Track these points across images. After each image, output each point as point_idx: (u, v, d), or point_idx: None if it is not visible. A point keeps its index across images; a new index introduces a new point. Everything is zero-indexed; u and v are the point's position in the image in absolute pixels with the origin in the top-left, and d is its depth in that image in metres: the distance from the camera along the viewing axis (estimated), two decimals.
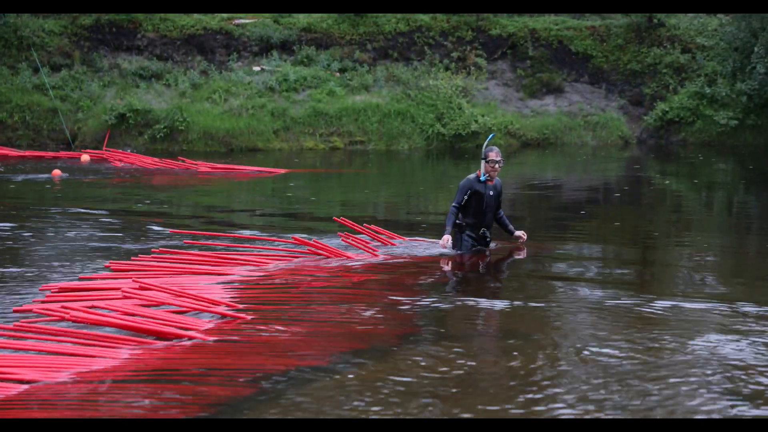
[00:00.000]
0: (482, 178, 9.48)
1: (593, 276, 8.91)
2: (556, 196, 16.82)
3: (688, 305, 7.37)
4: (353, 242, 9.75)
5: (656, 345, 6.15)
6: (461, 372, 5.62)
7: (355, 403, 5.10)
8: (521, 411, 4.96)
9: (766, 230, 12.87)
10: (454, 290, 8.48)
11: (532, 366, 5.71)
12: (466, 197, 9.44)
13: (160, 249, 9.27)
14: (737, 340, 6.26)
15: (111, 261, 8.86)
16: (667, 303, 7.48)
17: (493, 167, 9.48)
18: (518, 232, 9.94)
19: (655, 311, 7.18)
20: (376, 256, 9.60)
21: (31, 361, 5.72)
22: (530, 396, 5.19)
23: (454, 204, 9.49)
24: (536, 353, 5.97)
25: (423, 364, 5.77)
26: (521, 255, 9.87)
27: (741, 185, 18.83)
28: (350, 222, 10.20)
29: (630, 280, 8.84)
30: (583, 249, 10.52)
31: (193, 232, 10.25)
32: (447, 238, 9.38)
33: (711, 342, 6.22)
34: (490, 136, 10.29)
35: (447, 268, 9.33)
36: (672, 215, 14.01)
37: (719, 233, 12.24)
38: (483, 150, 9.58)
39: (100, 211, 14.29)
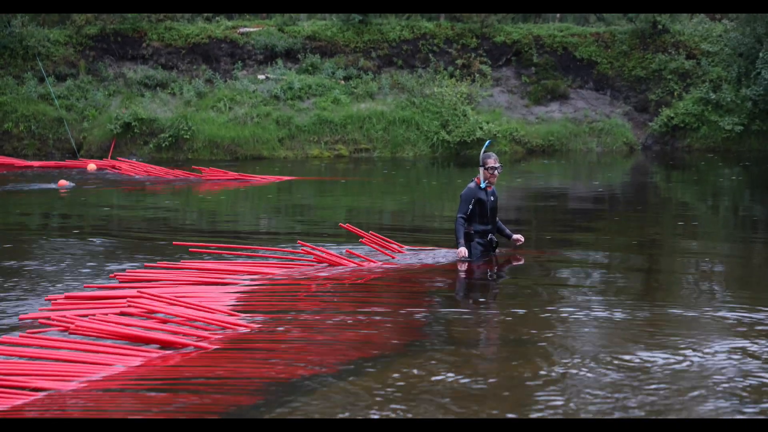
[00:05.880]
0: (482, 185, 9.50)
1: (599, 282, 8.89)
2: (562, 202, 16.80)
3: (694, 311, 7.35)
4: (371, 244, 9.85)
5: (662, 351, 6.13)
6: (468, 379, 5.60)
7: (362, 410, 5.09)
8: (527, 415, 4.95)
9: None
10: (460, 297, 8.47)
11: (538, 372, 5.69)
12: (471, 206, 9.46)
13: (165, 261, 9.28)
14: (744, 346, 6.23)
15: (116, 273, 8.85)
16: (674, 309, 7.46)
17: (492, 173, 9.53)
18: (516, 236, 9.94)
19: (661, 318, 7.16)
20: (391, 256, 9.63)
21: (40, 369, 5.72)
22: (536, 402, 5.17)
23: (460, 215, 9.47)
24: (542, 360, 5.95)
25: (430, 371, 5.75)
26: (527, 262, 9.85)
27: (746, 191, 18.78)
28: (355, 229, 10.19)
29: (636, 286, 8.82)
30: (589, 256, 10.49)
31: (196, 244, 10.24)
32: (463, 251, 9.36)
33: (717, 348, 6.20)
34: (487, 142, 10.31)
35: (454, 275, 9.31)
36: (678, 222, 13.98)
37: (725, 240, 12.21)
38: (480, 157, 9.61)
39: (106, 221, 14.32)
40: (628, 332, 6.70)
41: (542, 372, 5.71)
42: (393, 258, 9.85)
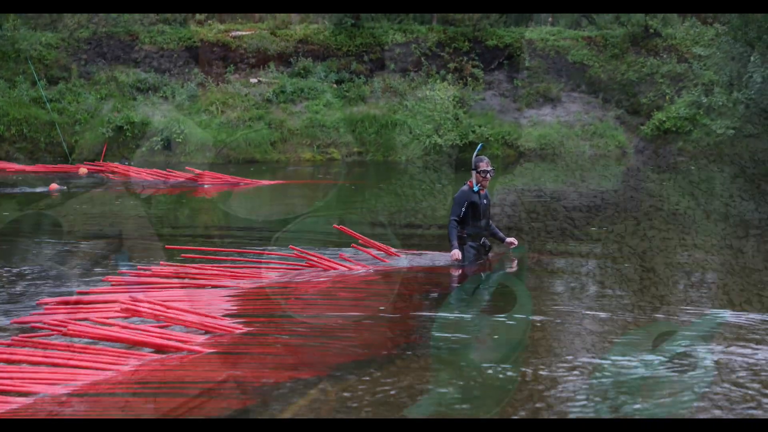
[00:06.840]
0: (475, 188, 9.51)
1: (593, 285, 8.89)
2: (555, 206, 16.82)
3: (690, 314, 7.35)
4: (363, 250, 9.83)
5: (658, 352, 6.13)
6: (462, 381, 5.60)
7: (357, 412, 5.08)
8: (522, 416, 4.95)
9: (765, 237, 12.87)
10: (453, 300, 8.46)
11: (534, 374, 5.69)
12: (464, 209, 9.47)
13: (159, 263, 9.25)
14: (740, 346, 6.24)
15: (109, 277, 8.83)
16: (670, 311, 7.47)
17: (484, 177, 9.54)
18: (509, 239, 9.96)
19: (656, 319, 7.17)
20: (386, 259, 9.63)
21: (32, 374, 5.69)
22: (532, 402, 5.17)
23: (453, 218, 9.49)
24: (537, 362, 5.95)
25: (424, 374, 5.75)
26: (520, 265, 9.86)
27: (738, 194, 18.83)
28: (350, 231, 10.18)
29: (630, 289, 8.82)
30: (582, 258, 10.50)
31: (189, 248, 10.21)
32: (457, 253, 9.36)
33: (713, 348, 6.20)
34: (479, 146, 10.34)
35: (447, 278, 9.31)
36: (671, 224, 14.01)
37: (718, 241, 12.23)
38: (473, 160, 9.62)
39: (97, 224, 14.28)
40: (623, 334, 6.70)
41: (538, 373, 5.71)
42: (385, 261, 9.85)
